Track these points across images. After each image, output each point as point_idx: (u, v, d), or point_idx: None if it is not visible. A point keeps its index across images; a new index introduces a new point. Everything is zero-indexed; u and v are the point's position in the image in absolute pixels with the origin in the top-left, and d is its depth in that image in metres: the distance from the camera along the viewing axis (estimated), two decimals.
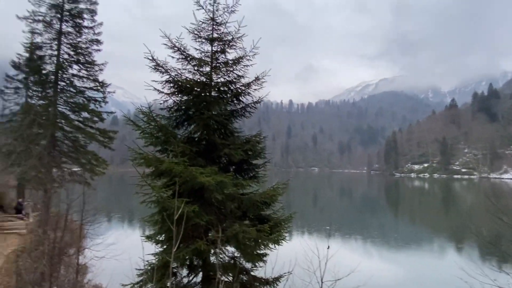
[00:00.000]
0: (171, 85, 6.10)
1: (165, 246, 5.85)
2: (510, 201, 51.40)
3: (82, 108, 19.06)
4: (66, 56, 18.97)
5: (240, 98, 6.77)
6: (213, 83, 6.50)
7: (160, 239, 5.93)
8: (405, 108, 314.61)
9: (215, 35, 6.52)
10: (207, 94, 6.43)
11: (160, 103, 6.06)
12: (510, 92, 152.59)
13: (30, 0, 18.38)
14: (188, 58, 6.19)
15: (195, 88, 6.33)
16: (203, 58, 6.41)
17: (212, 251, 5.61)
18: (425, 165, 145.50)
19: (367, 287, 7.08)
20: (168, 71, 5.98)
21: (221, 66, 6.68)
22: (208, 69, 6.50)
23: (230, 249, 6.15)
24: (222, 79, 6.55)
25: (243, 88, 6.77)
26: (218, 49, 6.56)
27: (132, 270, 6.28)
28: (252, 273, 6.33)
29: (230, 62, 6.65)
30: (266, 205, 6.32)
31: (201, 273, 5.84)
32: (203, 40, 6.52)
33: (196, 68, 6.31)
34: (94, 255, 12.28)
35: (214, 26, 6.47)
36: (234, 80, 6.73)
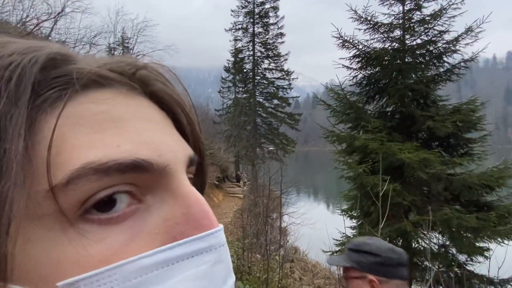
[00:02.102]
0: (359, 59, 5.90)
1: (360, 222, 5.90)
2: None
3: (273, 96, 22.25)
4: (258, 54, 22.55)
5: (444, 58, 5.62)
6: (406, 47, 5.74)
7: (355, 214, 6.04)
8: None
9: None
10: (400, 61, 5.76)
11: (350, 80, 6.02)
12: None
13: (231, 13, 22.96)
14: (376, 26, 5.74)
15: (385, 57, 5.82)
16: (393, 21, 5.76)
17: (413, 233, 5.14)
18: None
19: None
20: (355, 45, 5.80)
21: (415, 26, 5.78)
22: (399, 33, 5.79)
23: (435, 235, 5.41)
24: (418, 41, 5.66)
25: (447, 46, 5.58)
26: (412, 7, 5.68)
27: (329, 239, 6.83)
28: (467, 267, 5.33)
29: (427, 18, 5.62)
30: (487, 189, 5.03)
31: None
32: (392, 1, 5.84)
33: (385, 34, 5.76)
34: (292, 221, 14.31)
35: None
36: (434, 38, 5.65)
